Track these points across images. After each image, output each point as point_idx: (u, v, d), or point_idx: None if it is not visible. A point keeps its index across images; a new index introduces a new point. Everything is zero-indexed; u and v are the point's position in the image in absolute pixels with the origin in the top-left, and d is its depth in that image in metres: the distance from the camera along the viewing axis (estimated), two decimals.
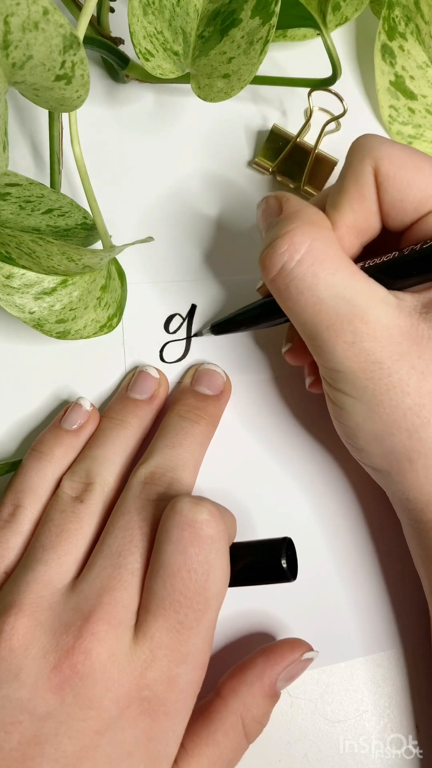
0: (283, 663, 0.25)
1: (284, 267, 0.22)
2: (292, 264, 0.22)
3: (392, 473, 0.24)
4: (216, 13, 0.26)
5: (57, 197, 0.25)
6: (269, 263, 0.22)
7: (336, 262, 0.22)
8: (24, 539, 0.25)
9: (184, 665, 0.22)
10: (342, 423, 0.24)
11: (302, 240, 0.22)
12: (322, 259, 0.22)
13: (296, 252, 0.22)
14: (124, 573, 0.22)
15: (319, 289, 0.22)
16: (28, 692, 0.20)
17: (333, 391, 0.24)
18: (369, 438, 0.23)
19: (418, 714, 0.28)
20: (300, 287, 0.22)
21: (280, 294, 0.23)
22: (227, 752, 0.23)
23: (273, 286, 0.23)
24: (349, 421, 0.24)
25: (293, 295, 0.22)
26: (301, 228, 0.22)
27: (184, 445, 0.27)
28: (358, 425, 0.23)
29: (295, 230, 0.22)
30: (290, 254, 0.22)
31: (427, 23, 0.31)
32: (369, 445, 0.24)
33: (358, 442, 0.24)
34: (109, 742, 0.20)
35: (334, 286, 0.22)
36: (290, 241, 0.22)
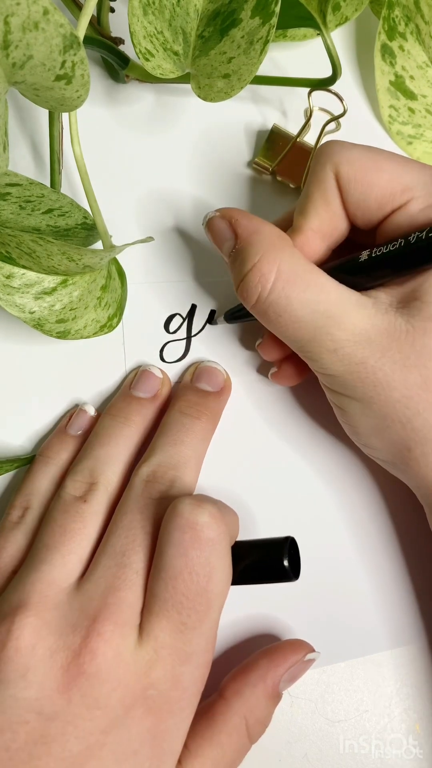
0: (286, 664, 0.25)
1: (260, 297, 0.23)
2: (265, 294, 0.23)
3: (397, 463, 0.25)
4: (216, 13, 0.26)
5: (57, 197, 0.25)
6: (246, 296, 0.24)
7: (305, 279, 0.23)
8: (32, 539, 0.26)
9: (187, 664, 0.22)
10: (345, 422, 0.26)
11: (270, 268, 0.23)
12: (291, 279, 0.23)
13: (267, 282, 0.23)
14: (128, 572, 0.23)
15: (295, 308, 0.23)
16: (35, 692, 0.20)
17: (331, 393, 0.25)
18: (369, 433, 0.25)
19: (418, 714, 0.28)
20: (277, 311, 0.23)
21: (261, 318, 0.24)
22: (230, 753, 0.23)
23: (255, 312, 0.24)
24: (350, 420, 0.25)
25: (273, 319, 0.24)
26: (266, 256, 0.23)
27: (186, 441, 0.27)
28: (358, 422, 0.25)
29: (261, 260, 0.23)
30: (263, 284, 0.23)
31: (427, 23, 0.31)
32: (371, 440, 0.25)
33: (361, 438, 0.25)
34: (115, 741, 0.21)
35: (307, 303, 0.23)
36: (259, 272, 0.23)
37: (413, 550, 0.29)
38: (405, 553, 0.29)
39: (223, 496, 0.27)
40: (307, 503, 0.29)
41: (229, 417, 0.30)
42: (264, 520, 0.29)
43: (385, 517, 0.29)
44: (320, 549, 0.29)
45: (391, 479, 0.30)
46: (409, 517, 0.30)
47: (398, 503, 0.30)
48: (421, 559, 0.29)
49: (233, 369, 0.30)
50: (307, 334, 0.23)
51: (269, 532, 0.29)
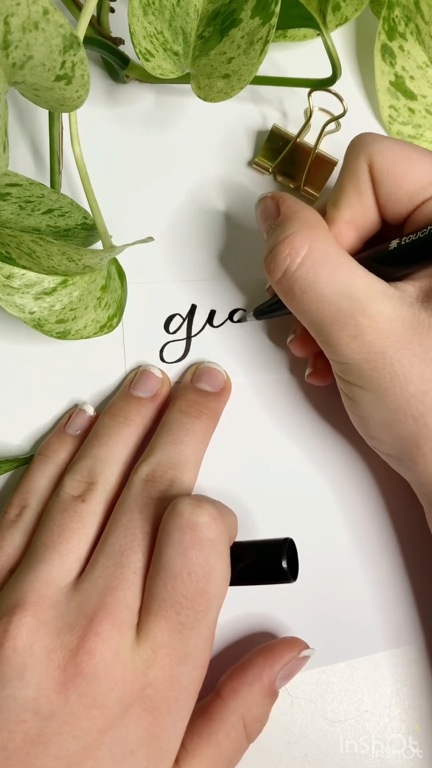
0: (282, 662, 0.25)
1: (287, 270, 0.23)
2: (293, 267, 0.23)
3: (404, 459, 0.25)
4: (216, 13, 0.26)
5: (57, 197, 0.25)
6: (273, 268, 0.24)
7: (335, 260, 0.23)
8: (29, 538, 0.26)
9: (185, 664, 0.22)
10: (354, 413, 0.26)
11: (302, 243, 0.23)
12: (322, 259, 0.23)
13: (297, 255, 0.23)
14: (126, 572, 0.22)
15: (321, 287, 0.23)
16: (32, 691, 0.20)
17: (343, 382, 0.25)
18: (379, 426, 0.24)
19: (418, 714, 0.28)
20: (303, 287, 0.23)
21: (285, 295, 0.24)
22: (228, 752, 0.23)
23: (278, 288, 0.24)
24: (360, 411, 0.25)
25: (297, 296, 0.23)
26: (300, 232, 0.23)
27: (186, 441, 0.27)
28: (368, 414, 0.24)
29: (295, 234, 0.23)
30: (291, 258, 0.23)
31: (427, 23, 0.31)
32: (379, 433, 0.25)
33: (369, 430, 0.25)
34: (113, 741, 0.21)
35: (334, 284, 0.23)
36: (291, 245, 0.23)
37: (413, 550, 0.29)
38: (404, 553, 0.29)
39: (223, 496, 0.27)
40: (306, 503, 0.29)
41: (228, 417, 0.30)
42: (263, 521, 0.29)
43: (385, 518, 0.29)
44: (319, 549, 0.29)
45: (390, 479, 0.30)
46: (408, 518, 0.29)
47: (397, 503, 0.30)
48: (420, 559, 0.29)
49: (233, 370, 0.30)
50: (330, 316, 0.23)
51: (268, 532, 0.29)
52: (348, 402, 0.26)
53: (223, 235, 0.32)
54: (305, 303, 0.23)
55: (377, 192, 0.24)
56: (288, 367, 0.31)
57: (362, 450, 0.30)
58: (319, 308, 0.23)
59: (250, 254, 0.31)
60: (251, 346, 0.31)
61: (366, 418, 0.25)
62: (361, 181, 0.24)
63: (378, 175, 0.24)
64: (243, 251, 0.32)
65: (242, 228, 0.32)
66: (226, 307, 0.31)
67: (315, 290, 0.23)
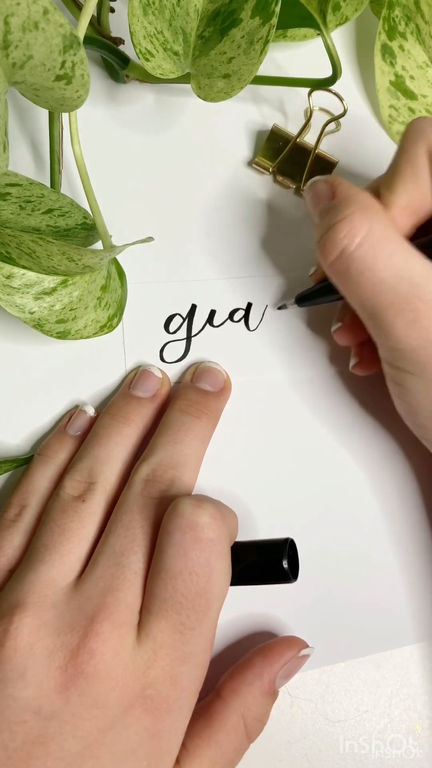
0: (281, 661, 0.25)
1: (344, 250, 0.23)
2: (352, 247, 0.23)
3: None
4: (216, 13, 0.26)
5: (57, 197, 0.25)
6: (329, 247, 0.23)
7: (394, 243, 0.23)
8: (29, 538, 0.26)
9: (186, 664, 0.22)
10: (403, 401, 0.25)
11: (361, 224, 0.23)
12: (381, 241, 0.23)
13: (356, 235, 0.23)
14: (127, 573, 0.22)
15: (379, 269, 0.23)
16: (33, 692, 0.20)
17: (393, 369, 0.25)
18: (429, 414, 0.24)
19: (418, 714, 0.28)
20: (360, 269, 0.23)
21: (340, 276, 0.24)
22: (229, 752, 0.23)
23: (333, 269, 0.24)
24: (410, 399, 0.25)
25: (354, 277, 0.23)
26: (360, 212, 0.23)
27: (186, 441, 0.27)
28: (419, 402, 0.24)
29: (354, 214, 0.23)
30: (350, 238, 0.23)
31: (427, 23, 0.31)
32: (430, 422, 0.25)
33: (419, 419, 0.25)
34: (113, 741, 0.21)
35: (393, 267, 0.23)
36: (350, 225, 0.23)
37: (413, 550, 0.29)
38: (405, 552, 0.29)
39: (223, 496, 0.27)
40: (306, 503, 0.29)
41: (229, 417, 0.30)
42: (263, 521, 0.29)
43: (385, 518, 0.29)
44: (320, 549, 0.29)
45: (389, 480, 0.30)
46: (408, 518, 0.30)
47: (397, 504, 0.30)
48: (421, 559, 0.29)
49: (233, 369, 0.30)
50: (386, 300, 0.23)
51: (269, 532, 0.29)
52: (397, 389, 0.25)
53: (223, 235, 0.32)
54: (361, 285, 0.23)
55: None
56: (288, 367, 0.31)
57: (362, 450, 0.30)
58: (375, 291, 0.23)
59: (250, 254, 0.31)
60: (251, 346, 0.31)
61: (416, 406, 0.25)
62: (420, 166, 0.24)
63: None
64: (243, 251, 0.32)
65: (242, 228, 0.32)
66: (226, 307, 0.31)
67: (373, 272, 0.23)
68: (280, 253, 0.32)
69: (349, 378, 0.30)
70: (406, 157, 0.24)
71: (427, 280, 0.23)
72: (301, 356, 0.31)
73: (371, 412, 0.30)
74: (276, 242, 0.32)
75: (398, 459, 0.30)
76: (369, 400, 0.30)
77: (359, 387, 0.30)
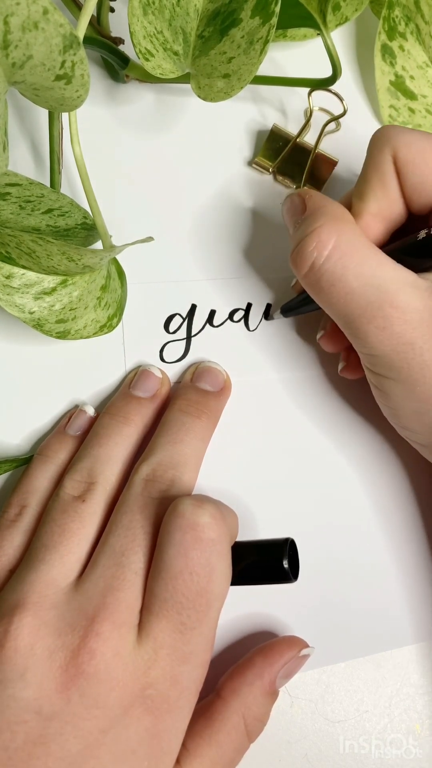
0: (282, 661, 0.25)
1: (314, 263, 0.23)
2: (321, 260, 0.23)
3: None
4: (216, 13, 0.26)
5: (57, 197, 0.25)
6: (300, 261, 0.24)
7: (363, 252, 0.23)
8: (29, 538, 0.26)
9: (186, 664, 0.22)
10: (385, 405, 0.26)
11: (329, 236, 0.23)
12: (349, 251, 0.23)
13: (324, 248, 0.23)
14: (127, 573, 0.22)
15: (349, 279, 0.23)
16: (33, 692, 0.20)
17: (372, 374, 0.25)
18: (410, 416, 0.25)
19: (418, 714, 0.28)
20: (331, 280, 0.23)
21: (312, 288, 0.24)
22: (229, 752, 0.23)
23: (305, 282, 0.24)
24: (390, 402, 0.25)
25: (325, 288, 0.23)
26: (327, 225, 0.23)
27: (186, 441, 0.27)
28: (399, 405, 0.25)
29: (322, 227, 0.23)
30: (319, 251, 0.23)
31: (427, 23, 0.31)
32: (411, 423, 0.25)
33: (401, 421, 0.25)
34: (114, 741, 0.21)
35: (362, 276, 0.23)
36: (317, 238, 0.23)
37: (413, 550, 0.29)
38: (405, 553, 0.29)
39: (223, 496, 0.27)
40: (306, 503, 0.29)
41: (229, 417, 0.30)
42: (264, 520, 0.29)
43: (385, 518, 0.29)
44: (320, 549, 0.29)
45: (390, 480, 0.30)
46: (408, 518, 0.30)
47: (397, 504, 0.30)
48: (421, 559, 0.29)
49: (233, 369, 0.30)
50: (358, 308, 0.23)
51: (269, 532, 0.29)
52: (378, 394, 0.26)
53: (223, 235, 0.32)
54: (333, 296, 0.23)
55: (402, 184, 0.24)
56: (288, 367, 0.31)
57: (362, 450, 0.30)
58: (347, 300, 0.23)
59: (250, 254, 0.32)
60: (251, 346, 0.31)
61: (397, 410, 0.25)
62: (386, 173, 0.24)
63: (403, 167, 0.24)
64: (243, 251, 0.32)
65: (242, 228, 0.32)
66: (226, 307, 0.31)
67: (343, 282, 0.23)
68: (280, 253, 0.32)
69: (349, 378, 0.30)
70: (372, 164, 0.24)
71: (396, 285, 0.23)
72: (301, 356, 0.31)
73: (371, 413, 0.30)
74: (276, 242, 0.32)
75: (398, 459, 0.30)
76: (368, 401, 0.30)
77: (359, 387, 0.30)
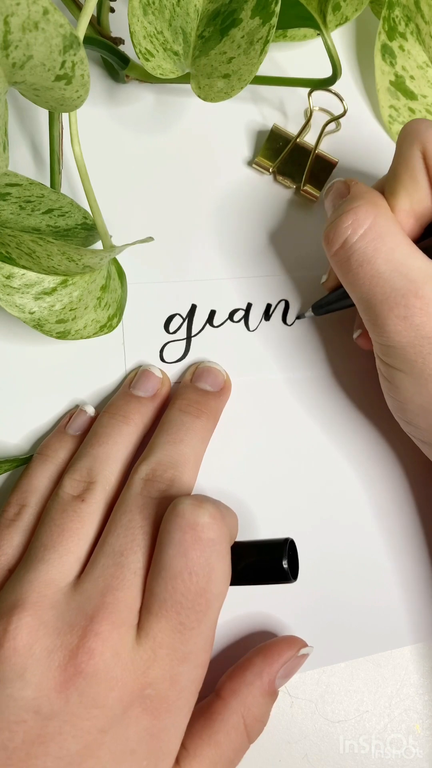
0: (281, 660, 0.25)
1: (347, 240, 0.23)
2: (354, 238, 0.23)
3: None
4: (216, 13, 0.26)
5: (57, 197, 0.25)
6: (333, 236, 0.24)
7: (396, 239, 0.23)
8: (28, 537, 0.26)
9: (185, 664, 0.22)
10: (392, 397, 0.25)
11: (366, 216, 0.23)
12: (383, 235, 0.23)
13: (359, 227, 0.23)
14: (126, 572, 0.22)
15: (378, 263, 0.23)
16: (32, 692, 0.20)
17: (384, 365, 0.25)
18: (417, 411, 0.24)
19: (418, 714, 0.28)
20: (360, 260, 0.23)
21: (340, 266, 0.24)
22: (229, 752, 0.23)
23: (335, 260, 0.24)
24: (398, 396, 0.25)
25: (353, 268, 0.23)
26: (365, 206, 0.23)
27: (185, 440, 0.27)
28: (407, 399, 0.24)
29: (360, 207, 0.23)
30: (354, 228, 0.23)
31: (427, 23, 0.31)
32: (417, 419, 0.25)
33: (406, 415, 0.25)
34: (113, 741, 0.21)
35: (392, 261, 0.23)
36: (354, 216, 0.23)
37: (413, 550, 0.29)
38: (405, 553, 0.29)
39: (223, 496, 0.27)
40: (306, 503, 0.29)
41: (228, 417, 0.30)
42: (263, 521, 0.29)
43: (385, 518, 0.29)
44: (320, 549, 0.29)
45: (390, 480, 0.30)
46: (408, 517, 0.30)
47: (397, 504, 0.30)
48: (421, 559, 0.29)
49: (233, 369, 0.30)
50: (382, 293, 0.23)
51: (269, 532, 0.29)
52: (386, 385, 0.25)
53: (223, 235, 0.32)
54: (360, 277, 0.23)
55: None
56: (288, 367, 0.31)
57: (361, 450, 0.30)
58: (372, 284, 0.23)
59: (250, 254, 0.32)
60: (251, 346, 0.31)
61: (404, 403, 0.25)
62: (416, 168, 0.24)
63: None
64: (243, 251, 0.32)
65: (242, 228, 0.32)
66: (226, 307, 0.31)
67: (371, 264, 0.23)
68: (280, 254, 0.32)
69: (348, 378, 0.31)
70: (402, 160, 0.24)
71: (424, 277, 0.23)
72: (301, 357, 0.31)
73: (370, 413, 0.30)
74: (276, 242, 0.32)
75: (398, 459, 0.30)
76: (368, 401, 0.30)
77: (358, 387, 0.30)
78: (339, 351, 0.31)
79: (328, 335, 0.31)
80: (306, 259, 0.31)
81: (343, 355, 0.31)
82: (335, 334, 0.31)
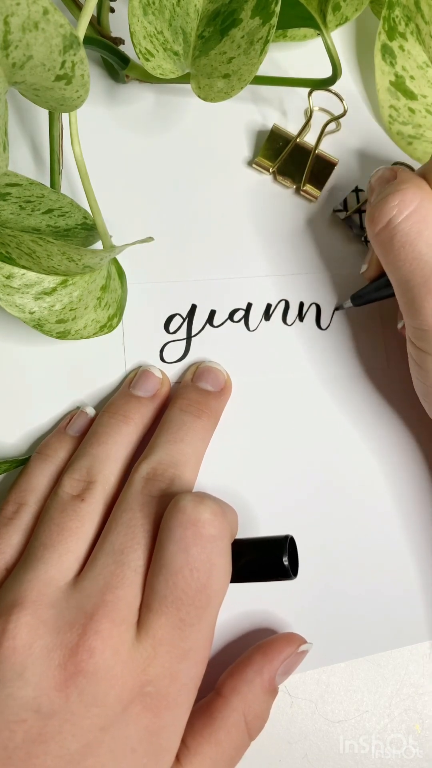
0: (281, 657, 0.25)
1: (392, 220, 0.23)
2: (399, 218, 0.23)
3: None
4: (216, 13, 0.26)
5: (57, 197, 0.25)
6: (378, 215, 0.24)
7: None
8: (26, 536, 0.26)
9: (185, 661, 0.22)
10: (422, 382, 0.26)
11: (413, 198, 0.23)
12: (427, 218, 0.23)
13: (405, 208, 0.23)
14: (126, 570, 0.22)
15: (420, 245, 0.23)
16: (32, 691, 0.20)
17: (416, 350, 0.25)
18: None
19: (418, 714, 0.28)
20: (402, 241, 0.23)
21: (382, 246, 0.24)
22: (230, 750, 0.23)
23: (377, 239, 0.24)
24: (428, 380, 0.25)
25: (395, 248, 0.24)
26: (413, 188, 0.24)
27: (186, 440, 0.27)
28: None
29: (408, 189, 0.23)
30: (399, 209, 0.23)
31: (427, 23, 0.31)
32: None
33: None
34: (113, 739, 0.21)
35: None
36: (402, 197, 0.23)
37: (414, 549, 0.29)
38: (406, 552, 0.29)
39: (223, 494, 0.27)
40: (306, 502, 0.29)
41: (229, 417, 0.30)
42: (264, 518, 0.29)
43: (386, 517, 0.29)
44: (320, 548, 0.29)
45: (390, 480, 0.30)
46: (408, 517, 0.30)
47: (396, 504, 0.30)
48: (422, 559, 0.29)
49: (233, 369, 0.30)
50: (422, 276, 0.23)
51: (269, 530, 0.29)
52: (417, 370, 0.26)
53: (223, 235, 0.32)
54: (401, 258, 0.24)
55: None
56: (288, 367, 0.31)
57: (362, 450, 0.30)
58: (413, 266, 0.23)
59: (250, 254, 0.32)
60: (251, 346, 0.31)
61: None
62: None
63: None
64: (243, 251, 0.32)
65: (242, 228, 0.32)
66: (226, 307, 0.31)
67: (413, 246, 0.23)
68: (280, 254, 0.32)
69: (349, 378, 0.31)
70: None
71: None
72: (301, 356, 0.31)
73: (371, 412, 0.30)
74: (276, 242, 0.32)
75: (397, 459, 0.30)
76: (369, 400, 0.30)
77: (359, 387, 0.30)
78: (339, 351, 0.31)
79: (328, 335, 0.31)
80: (306, 259, 0.31)
81: (344, 355, 0.31)
82: (335, 334, 0.31)
